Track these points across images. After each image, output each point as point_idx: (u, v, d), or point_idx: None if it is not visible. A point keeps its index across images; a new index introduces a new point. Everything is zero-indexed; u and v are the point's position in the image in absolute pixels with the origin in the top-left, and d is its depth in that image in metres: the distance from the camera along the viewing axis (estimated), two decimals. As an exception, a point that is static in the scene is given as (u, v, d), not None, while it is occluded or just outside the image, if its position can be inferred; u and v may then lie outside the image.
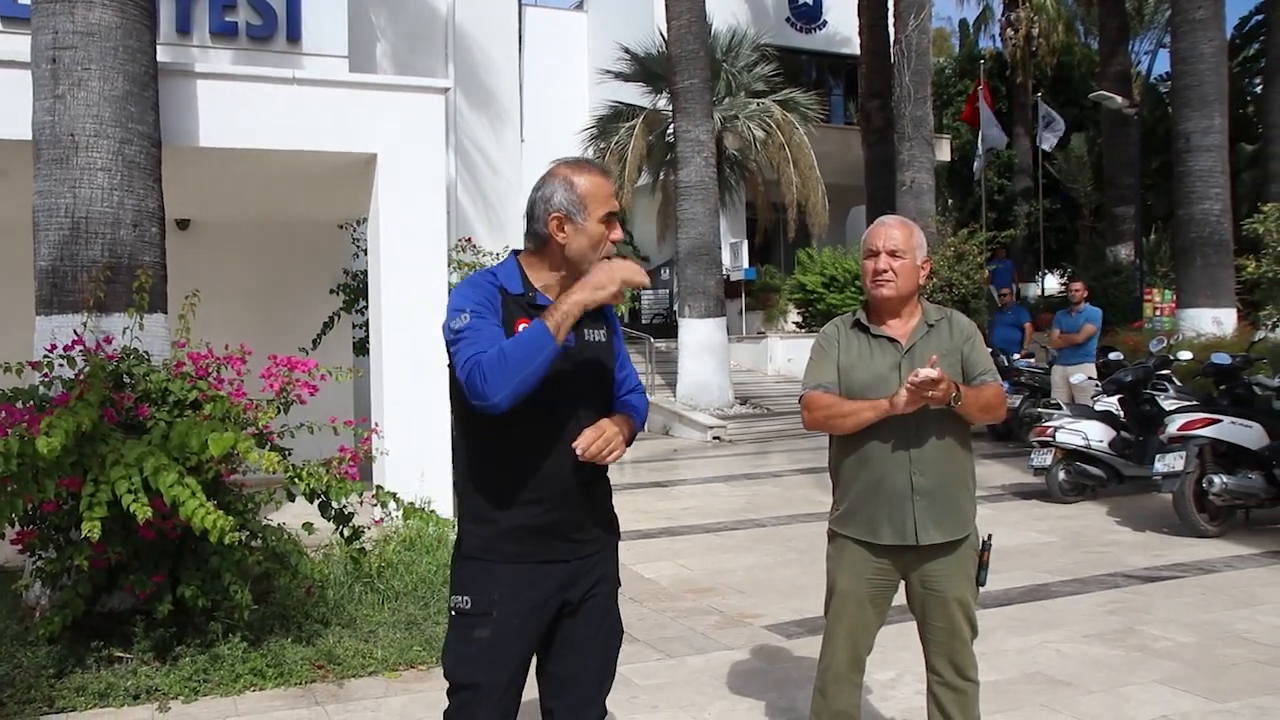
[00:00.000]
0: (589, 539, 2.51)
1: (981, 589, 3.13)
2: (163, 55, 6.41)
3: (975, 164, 24.29)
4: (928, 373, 2.79)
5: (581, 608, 2.50)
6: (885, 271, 3.03)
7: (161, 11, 10.52)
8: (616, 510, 2.66)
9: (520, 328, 2.35)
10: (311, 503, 4.92)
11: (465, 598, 2.43)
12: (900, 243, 3.03)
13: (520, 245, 2.65)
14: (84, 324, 5.27)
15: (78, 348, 4.90)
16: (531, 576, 2.42)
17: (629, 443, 2.51)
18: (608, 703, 2.63)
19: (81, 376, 4.69)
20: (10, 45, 7.19)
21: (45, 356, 4.98)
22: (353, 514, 5.10)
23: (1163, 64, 34.89)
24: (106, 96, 5.56)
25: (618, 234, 2.47)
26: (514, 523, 2.42)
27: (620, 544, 2.68)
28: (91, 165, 5.52)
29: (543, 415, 2.38)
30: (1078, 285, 11.57)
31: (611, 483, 2.64)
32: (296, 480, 4.77)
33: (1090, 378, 10.66)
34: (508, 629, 2.40)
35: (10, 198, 7.57)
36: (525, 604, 2.42)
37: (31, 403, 4.71)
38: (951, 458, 3.02)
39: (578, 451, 2.32)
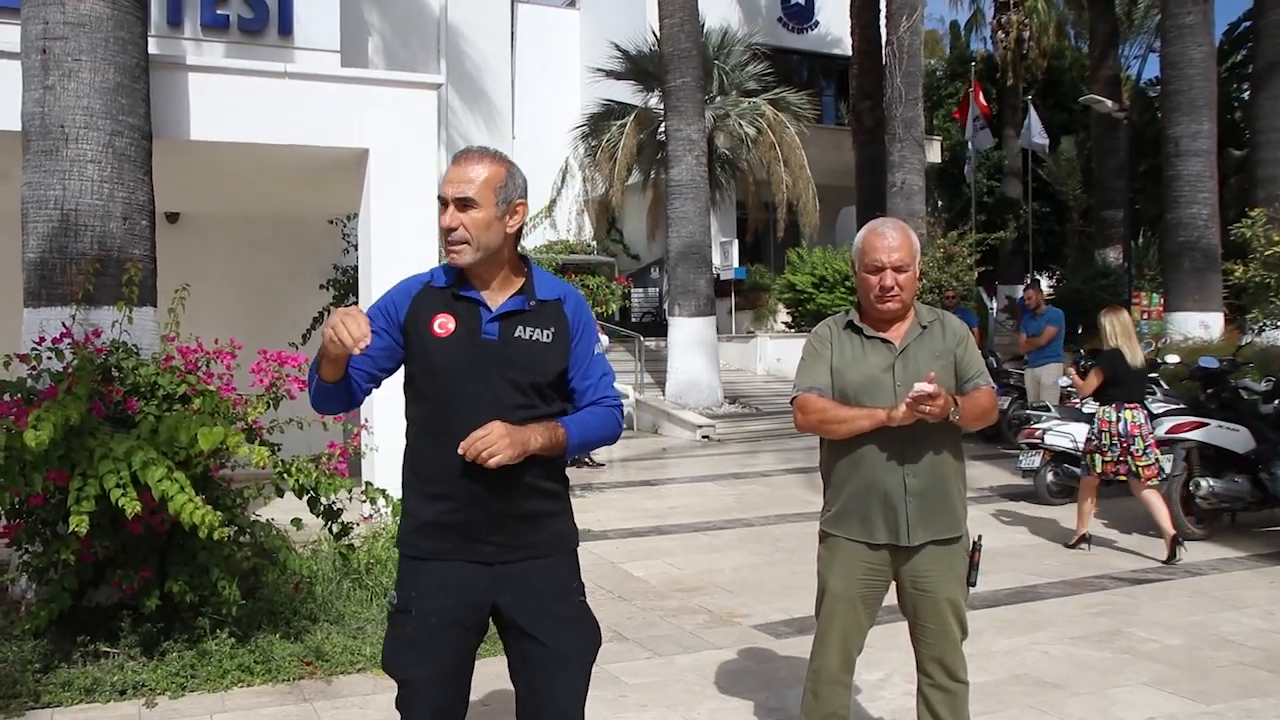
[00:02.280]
0: (510, 545, 2.42)
1: (972, 589, 3.14)
2: (154, 47, 6.38)
3: (965, 167, 24.37)
4: (924, 387, 2.78)
5: (530, 624, 2.43)
6: (893, 288, 2.99)
7: (153, 3, 10.46)
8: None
9: (436, 322, 2.42)
10: (300, 498, 4.91)
11: (394, 594, 2.49)
12: (904, 255, 2.99)
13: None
14: (72, 317, 5.23)
15: (66, 340, 4.87)
16: (447, 576, 2.42)
17: (562, 455, 2.44)
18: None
19: (70, 369, 4.66)
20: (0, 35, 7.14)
21: (33, 349, 4.94)
22: (341, 510, 5.09)
23: (1153, 69, 35.09)
24: (97, 88, 5.53)
25: (443, 219, 2.41)
26: (426, 518, 2.45)
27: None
28: (81, 157, 5.49)
29: (450, 410, 2.40)
30: (1030, 291, 12.02)
31: (566, 497, 2.57)
32: (285, 476, 4.77)
33: (1065, 375, 10.76)
34: (426, 627, 2.41)
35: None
36: (441, 603, 2.41)
37: (19, 395, 4.67)
38: (944, 460, 3.02)
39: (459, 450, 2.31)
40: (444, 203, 2.41)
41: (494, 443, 2.27)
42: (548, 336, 2.46)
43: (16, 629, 4.65)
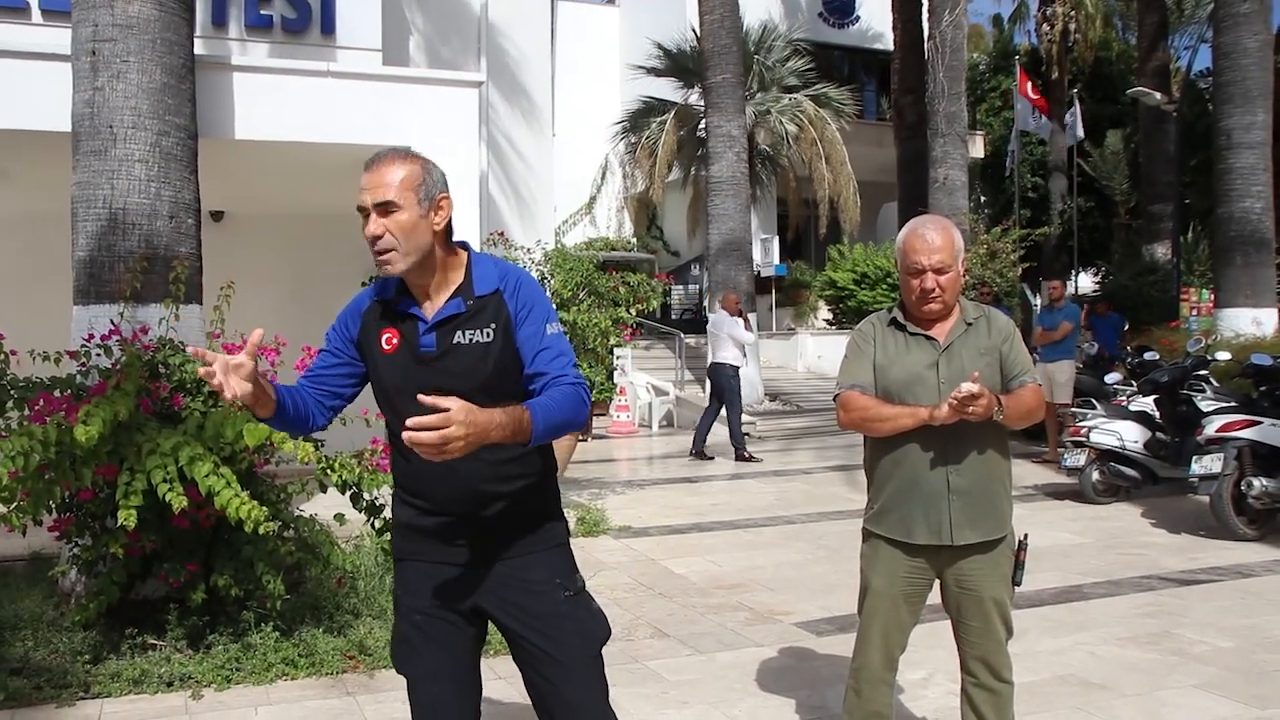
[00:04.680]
0: (481, 548, 2.40)
1: (1017, 589, 3.09)
2: (199, 48, 6.46)
3: (1007, 159, 24.05)
4: (969, 388, 2.74)
5: (515, 625, 2.40)
6: (934, 290, 2.94)
7: (197, 4, 10.60)
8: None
9: (383, 338, 2.37)
10: (343, 494, 4.95)
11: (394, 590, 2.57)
12: (945, 255, 2.93)
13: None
14: (121, 314, 5.31)
15: (114, 337, 4.94)
16: (428, 576, 2.43)
17: (526, 440, 2.19)
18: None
19: (118, 366, 4.73)
20: (50, 38, 7.28)
21: (83, 346, 5.03)
22: (384, 506, 5.11)
23: (1203, 59, 34.46)
24: (144, 89, 5.61)
25: (368, 228, 2.30)
26: (402, 520, 2.48)
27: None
28: (129, 157, 5.57)
29: (403, 425, 2.25)
30: (1055, 284, 11.52)
31: (545, 494, 2.48)
32: (329, 471, 4.81)
33: (1114, 373, 10.58)
34: (412, 624, 2.46)
35: (48, 190, 7.65)
36: (420, 603, 2.43)
37: (69, 391, 4.75)
38: (989, 458, 2.98)
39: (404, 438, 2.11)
40: (364, 212, 2.31)
41: (450, 438, 2.02)
42: (489, 335, 2.34)
43: (67, 621, 4.74)
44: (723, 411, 11.70)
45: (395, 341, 2.37)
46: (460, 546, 2.40)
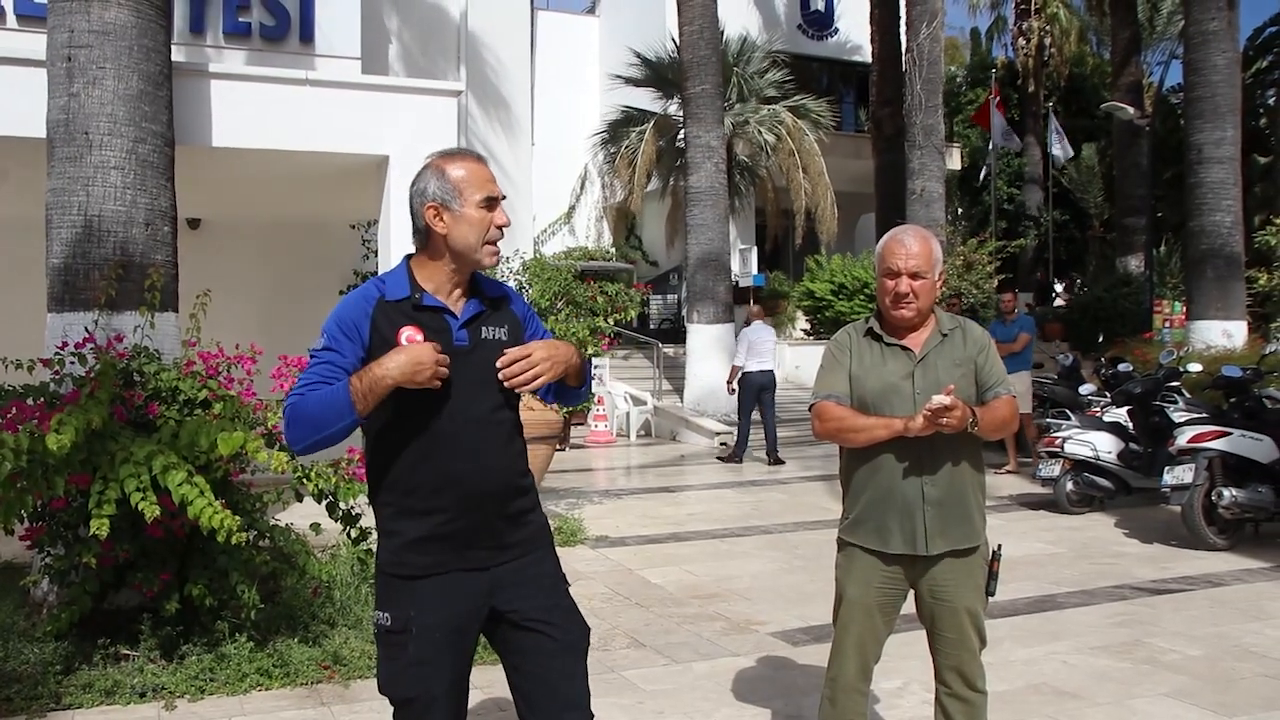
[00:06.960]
0: (502, 546, 2.41)
1: (991, 599, 3.12)
2: (176, 55, 6.43)
3: (982, 172, 24.29)
4: (942, 400, 2.77)
5: (532, 618, 2.42)
6: (908, 295, 2.98)
7: (175, 11, 10.55)
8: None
9: (403, 335, 2.31)
10: (319, 503, 4.93)
11: (386, 614, 2.38)
12: (921, 262, 2.97)
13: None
14: (95, 322, 5.29)
15: (89, 345, 4.91)
16: (446, 589, 2.36)
17: (581, 382, 2.51)
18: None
19: (92, 374, 4.70)
20: (26, 43, 7.23)
21: (56, 354, 4.99)
22: (360, 515, 5.10)
23: (1175, 75, 34.89)
24: (121, 95, 5.58)
25: (502, 218, 2.42)
26: (416, 534, 2.36)
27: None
28: (105, 164, 5.54)
29: (434, 423, 2.33)
30: (1008, 296, 11.62)
31: (539, 495, 2.57)
32: (305, 480, 4.78)
33: (1089, 384, 10.69)
34: (430, 643, 2.35)
35: (22, 196, 7.60)
36: (443, 617, 2.36)
37: (42, 399, 4.72)
38: (963, 469, 3.01)
39: (500, 376, 2.33)
40: (494, 201, 2.40)
41: (537, 361, 2.32)
42: (504, 334, 2.44)
43: (38, 631, 4.68)
44: (733, 415, 11.75)
45: (419, 339, 2.33)
46: (482, 549, 2.39)
